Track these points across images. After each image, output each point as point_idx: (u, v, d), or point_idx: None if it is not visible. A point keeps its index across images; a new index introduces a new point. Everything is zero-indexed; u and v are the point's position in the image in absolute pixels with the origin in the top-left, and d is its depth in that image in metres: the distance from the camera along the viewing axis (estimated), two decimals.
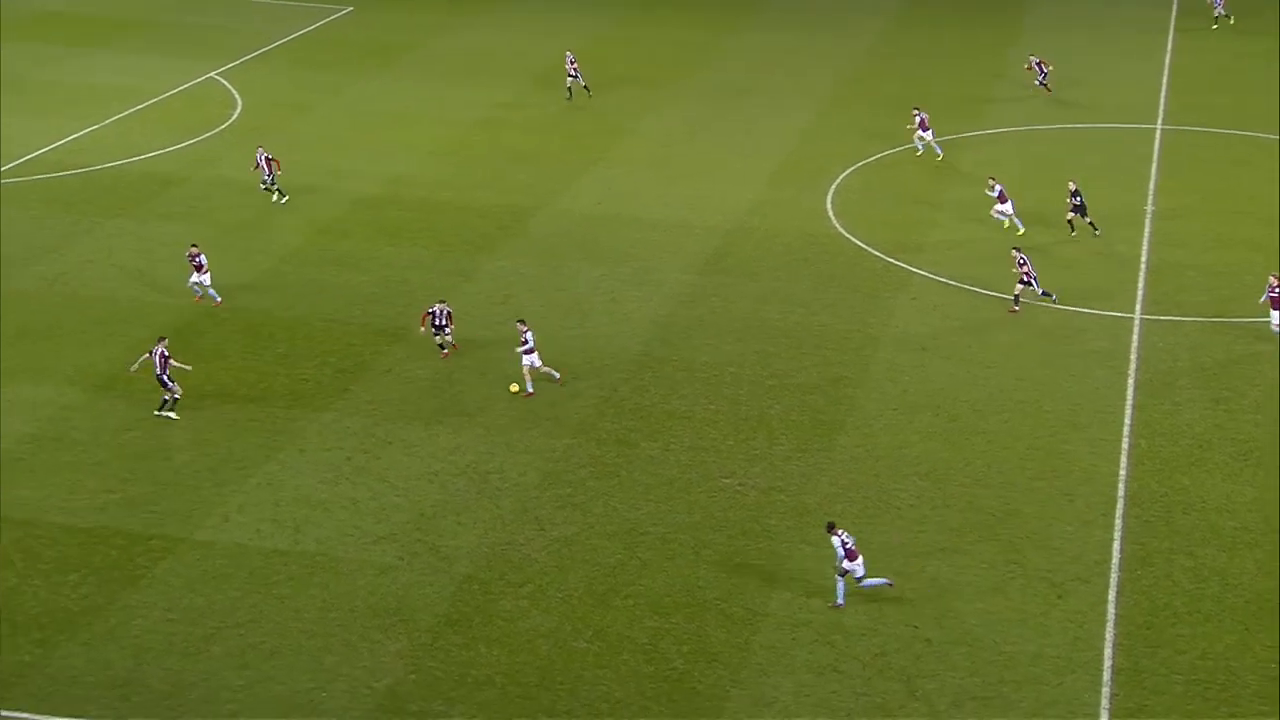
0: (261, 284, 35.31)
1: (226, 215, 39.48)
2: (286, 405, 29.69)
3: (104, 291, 34.41)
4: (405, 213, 40.23)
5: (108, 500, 26.11)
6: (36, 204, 39.17)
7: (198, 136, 44.99)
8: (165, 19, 58.25)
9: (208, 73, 51.38)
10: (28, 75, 49.90)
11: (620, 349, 32.73)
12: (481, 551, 25.29)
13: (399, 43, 56.57)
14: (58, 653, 22.18)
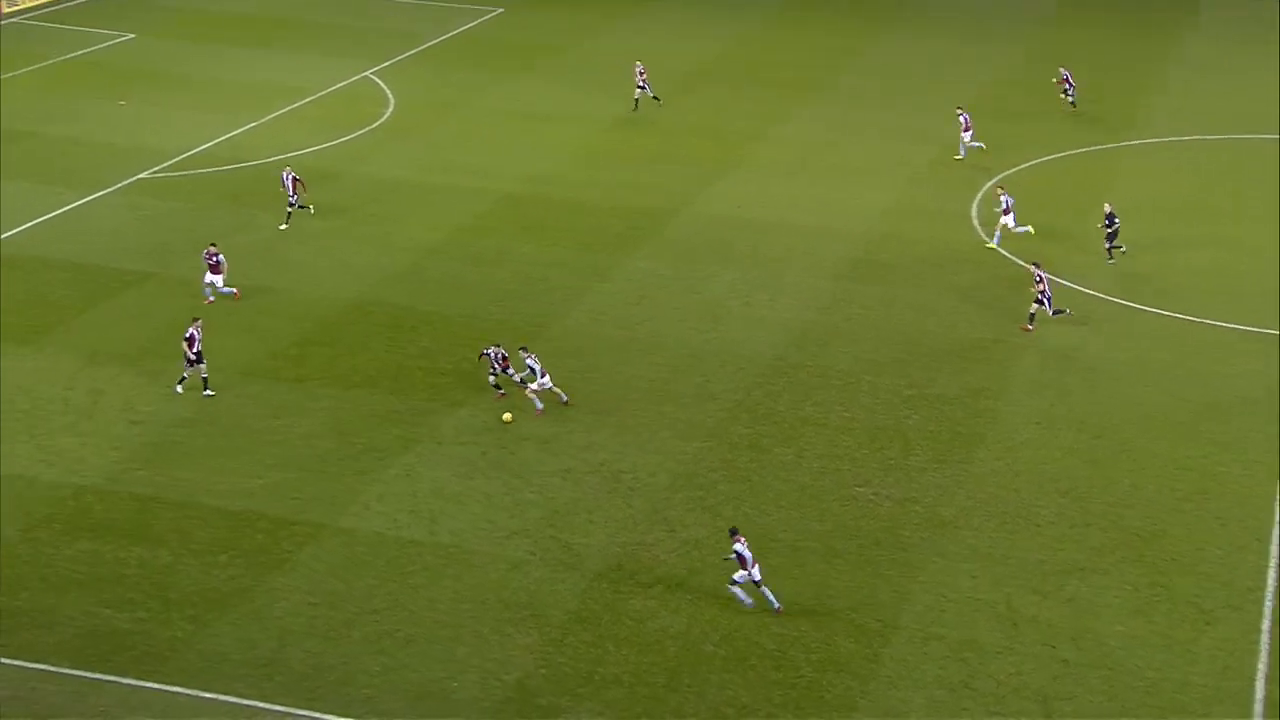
0: (405, 279, 36.00)
1: (374, 209, 40.37)
2: (425, 398, 30.21)
3: (257, 283, 35.43)
4: (545, 212, 40.63)
5: (255, 485, 26.89)
6: (201, 196, 40.57)
7: (351, 134, 46.11)
8: (328, 20, 59.86)
9: (363, 72, 52.63)
10: (199, 73, 51.68)
11: (754, 353, 32.52)
12: (612, 550, 25.36)
13: (546, 44, 57.20)
14: (207, 630, 22.91)
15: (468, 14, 61.48)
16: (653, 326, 33.82)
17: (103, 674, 21.77)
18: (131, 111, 47.25)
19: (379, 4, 62.60)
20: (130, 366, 30.86)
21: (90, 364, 30.82)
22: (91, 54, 53.52)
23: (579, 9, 62.76)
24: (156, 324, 32.96)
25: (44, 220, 38.12)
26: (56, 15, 58.81)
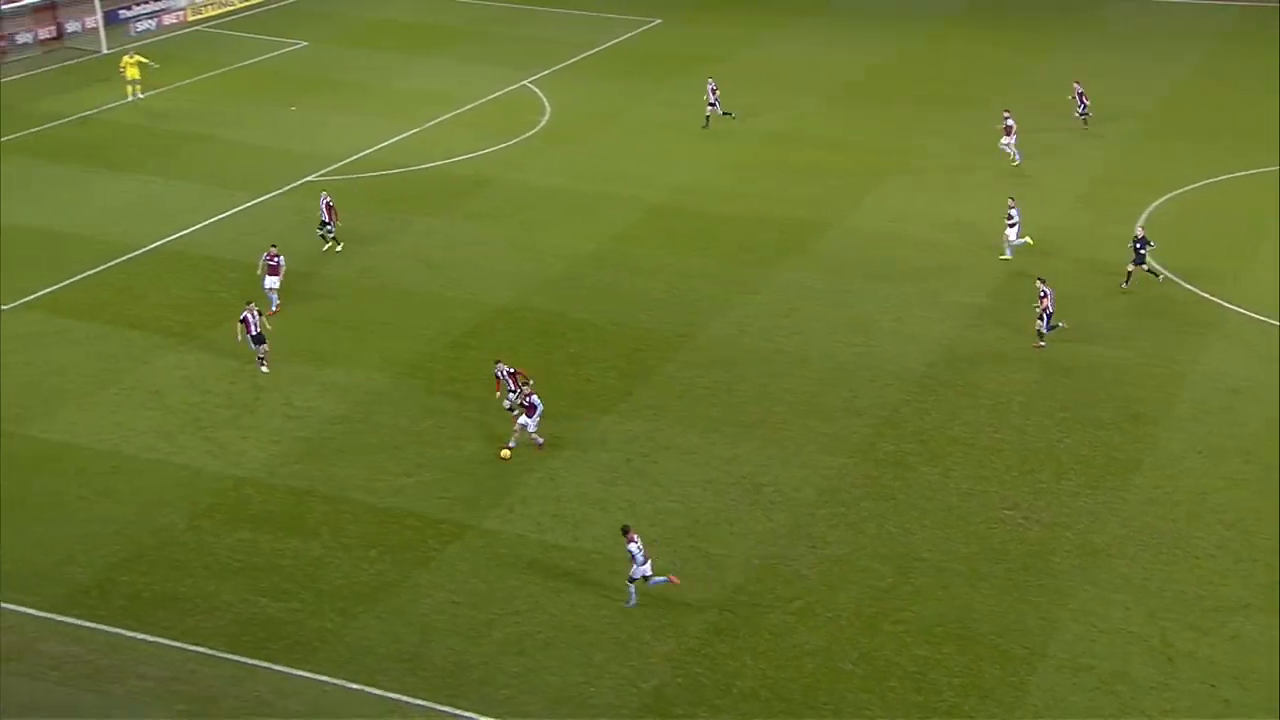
0: (555, 285, 36.44)
1: (527, 216, 40.98)
2: (571, 405, 30.50)
3: (412, 285, 36.30)
4: (696, 222, 40.68)
5: (404, 483, 27.51)
6: (359, 200, 41.76)
7: (507, 141, 46.91)
8: (491, 30, 61.03)
9: (522, 80, 53.51)
10: (365, 80, 53.20)
11: (903, 370, 31.99)
12: (752, 563, 25.21)
13: (703, 54, 57.32)
14: (355, 623, 23.52)
15: (626, 24, 62.01)
16: (800, 340, 33.55)
17: (257, 660, 22.52)
18: (301, 117, 48.89)
19: (540, 14, 63.59)
20: (289, 363, 31.90)
21: (253, 360, 31.94)
22: (266, 61, 55.57)
23: (736, 21, 62.75)
24: (315, 323, 34.00)
25: (215, 221, 39.70)
26: (236, 24, 61.25)
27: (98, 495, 26.72)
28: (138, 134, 46.61)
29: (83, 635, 22.92)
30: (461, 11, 64.09)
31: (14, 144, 45.24)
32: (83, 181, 42.38)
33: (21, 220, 39.36)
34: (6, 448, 28.04)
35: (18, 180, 42.22)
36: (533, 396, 27.99)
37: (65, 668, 22.17)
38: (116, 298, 34.81)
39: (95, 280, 35.73)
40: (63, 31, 56.97)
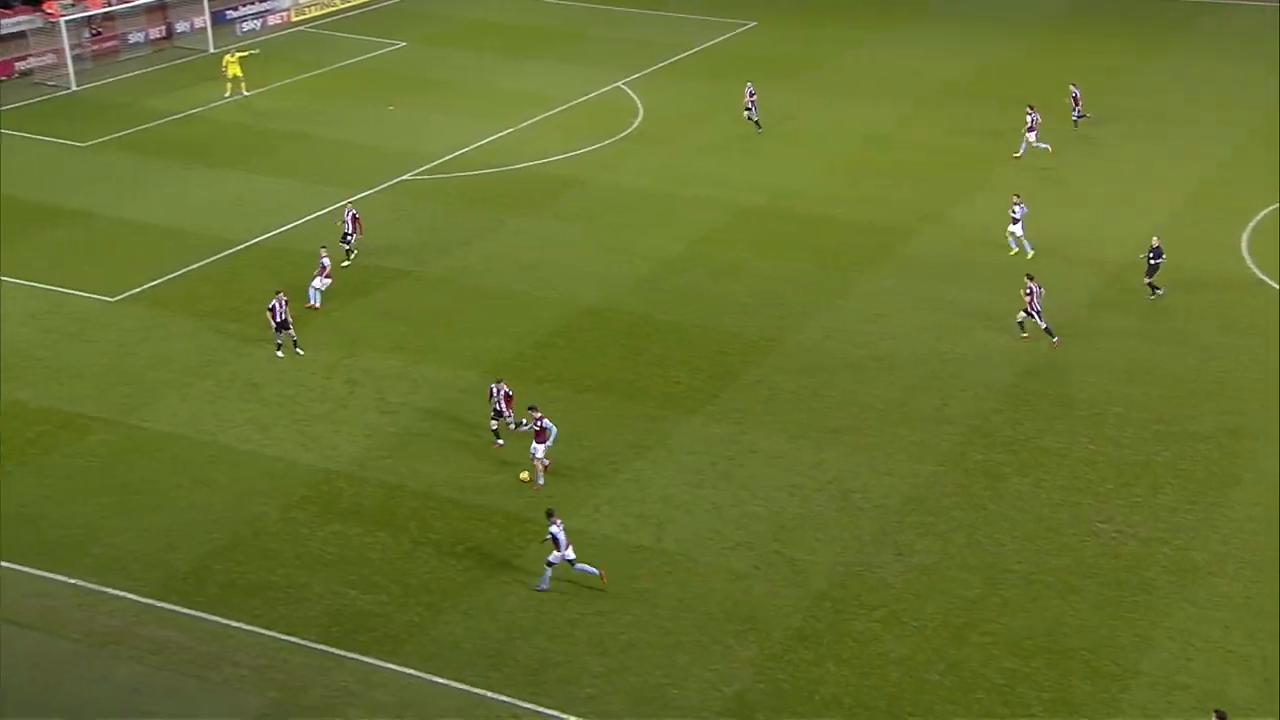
0: (644, 287, 36.51)
1: (617, 218, 41.11)
2: (658, 406, 30.53)
3: (502, 284, 36.63)
4: (787, 226, 40.48)
5: (491, 481, 27.75)
6: (454, 199, 42.24)
7: (600, 142, 47.10)
8: (586, 31, 61.33)
9: (616, 82, 53.69)
10: (462, 80, 53.73)
11: (995, 378, 31.52)
12: (837, 570, 25.02)
13: (799, 57, 57.05)
14: (441, 618, 23.78)
15: (722, 27, 61.92)
16: (890, 345, 33.22)
17: (345, 651, 22.89)
18: (398, 116, 49.56)
19: (635, 16, 63.74)
20: (384, 359, 32.37)
21: (348, 355, 32.48)
22: (366, 61, 56.42)
23: (833, 24, 62.33)
24: (408, 320, 34.46)
25: (313, 218, 40.42)
26: (337, 24, 62.29)
27: (195, 484, 27.36)
28: (240, 132, 47.62)
29: (181, 621, 23.49)
30: (558, 13, 64.50)
31: (123, 140, 46.50)
32: (186, 178, 43.42)
33: (128, 215, 40.43)
34: (111, 437, 28.83)
35: (125, 176, 43.39)
36: (543, 421, 27.01)
37: (165, 652, 22.73)
38: (216, 292, 35.60)
39: (196, 274, 36.59)
40: (172, 31, 58.43)
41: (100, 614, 23.59)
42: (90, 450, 28.29)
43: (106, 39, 56.33)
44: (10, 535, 25.46)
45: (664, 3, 65.37)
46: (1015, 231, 37.40)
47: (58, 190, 41.82)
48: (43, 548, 25.14)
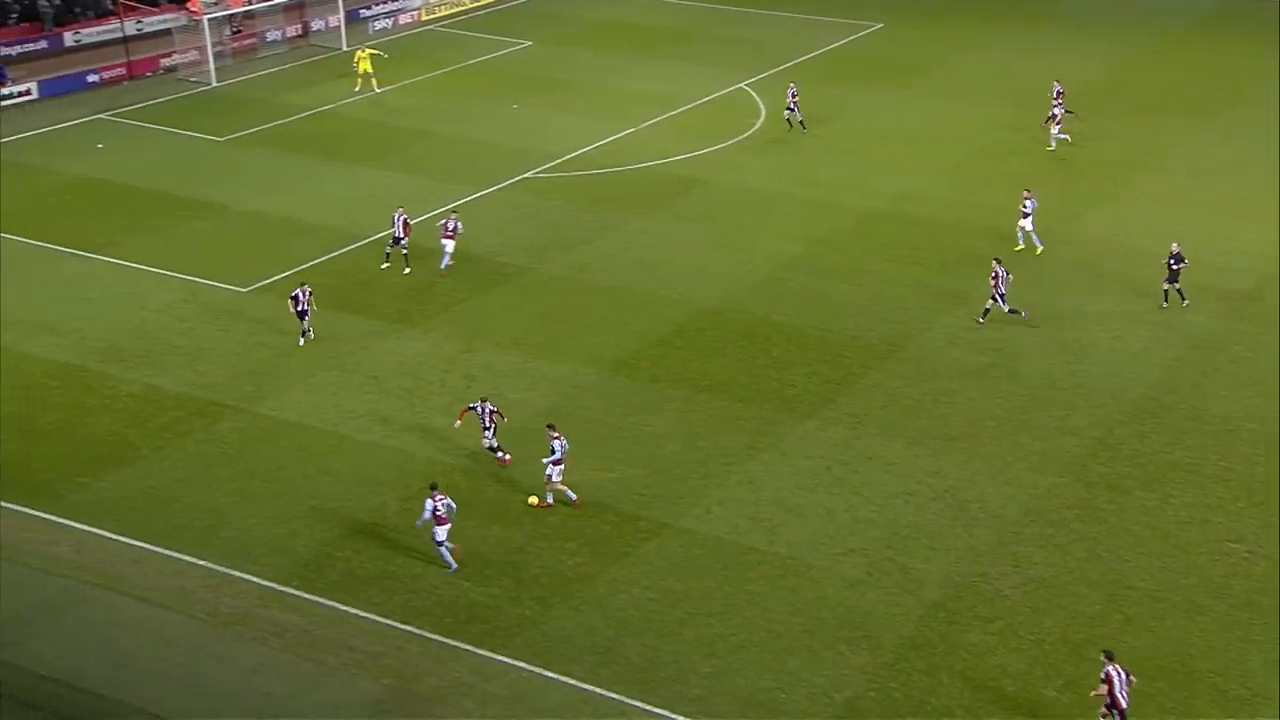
0: (763, 288, 36.33)
1: (737, 218, 40.98)
2: (774, 409, 30.36)
3: (621, 282, 36.78)
4: (907, 230, 39.92)
5: (605, 478, 27.90)
6: (576, 197, 42.56)
7: (722, 143, 46.99)
8: (710, 32, 61.26)
9: (739, 83, 53.53)
10: (586, 80, 54.11)
11: (1121, 389, 30.67)
12: (952, 580, 24.60)
13: (924, 59, 56.24)
14: (553, 613, 23.99)
15: (847, 29, 61.32)
16: (1012, 353, 32.55)
17: (459, 642, 23.23)
18: (523, 114, 50.10)
19: (759, 17, 63.49)
20: (502, 355, 32.76)
21: (467, 350, 32.94)
22: (493, 60, 57.16)
23: (960, 26, 61.31)
24: (528, 316, 34.82)
25: (438, 213, 41.07)
26: (466, 24, 63.24)
27: (318, 473, 28.02)
28: (370, 129, 48.61)
29: (301, 606, 24.09)
30: (683, 13, 64.55)
31: (259, 135, 47.83)
32: (317, 173, 44.48)
33: (261, 208, 41.57)
34: (241, 424, 29.69)
35: (260, 170, 44.62)
36: (555, 441, 26.29)
37: (285, 635, 23.33)
38: (342, 284, 36.41)
39: (324, 267, 37.46)
40: (308, 29, 59.94)
41: (226, 595, 24.32)
42: (221, 437, 29.17)
43: (246, 37, 58.00)
44: (144, 516, 26.38)
45: (791, 4, 64.95)
46: (1025, 226, 37.27)
47: (196, 183, 43.19)
48: (174, 530, 25.99)
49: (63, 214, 40.65)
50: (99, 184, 43.05)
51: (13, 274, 36.56)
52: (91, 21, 57.01)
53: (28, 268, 37.02)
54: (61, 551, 25.29)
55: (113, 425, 29.44)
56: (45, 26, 55.83)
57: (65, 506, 26.56)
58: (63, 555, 25.19)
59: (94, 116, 49.40)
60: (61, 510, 26.43)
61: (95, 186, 42.86)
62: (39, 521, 26.09)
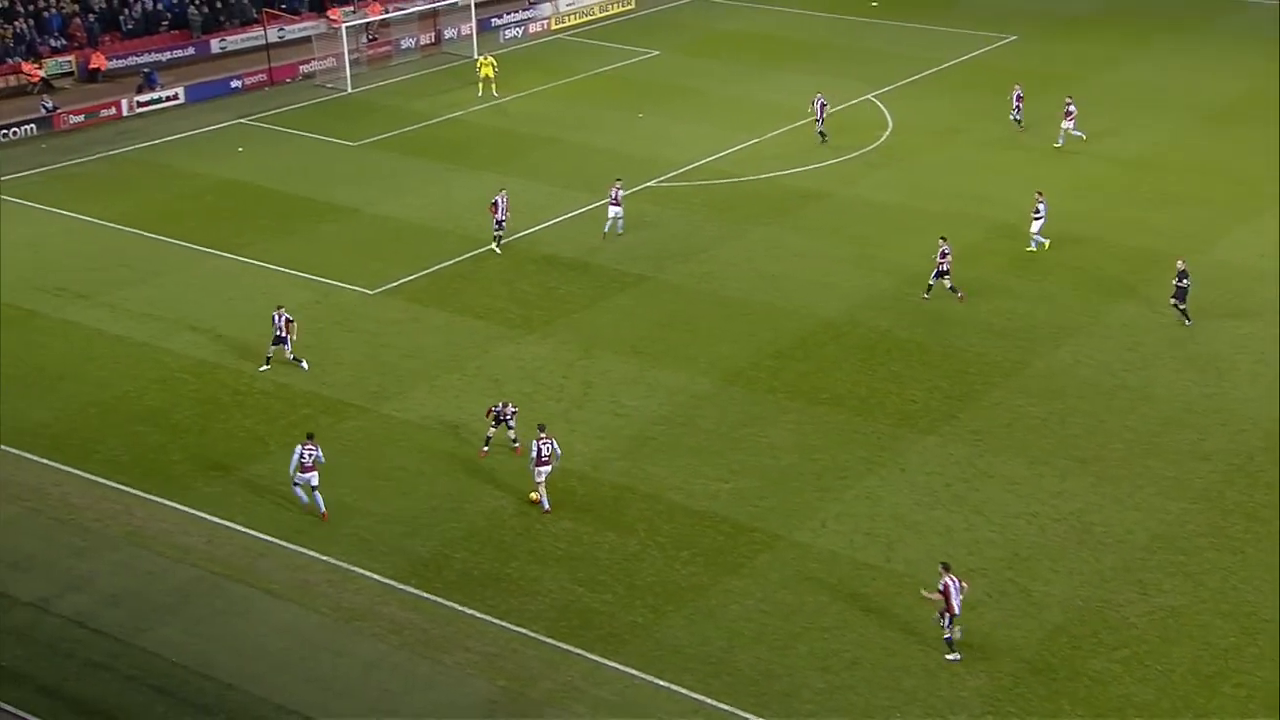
0: (884, 302, 35.86)
1: (860, 231, 40.55)
2: (893, 424, 29.93)
3: (741, 293, 36.64)
4: None
5: (720, 489, 27.79)
6: (697, 207, 42.55)
7: (847, 155, 46.55)
8: (837, 43, 60.79)
9: (866, 95, 52.98)
10: (712, 90, 54.01)
11: (1261, 414, 29.54)
12: (1075, 604, 23.94)
13: (1059, 73, 54.97)
14: (665, 621, 23.96)
15: (979, 40, 60.30)
16: (1144, 375, 31.59)
17: (572, 646, 23.33)
18: (647, 123, 50.29)
19: (888, 28, 62.82)
20: (620, 362, 32.88)
21: (585, 356, 33.14)
22: (620, 69, 57.48)
23: (1098, 39, 59.83)
24: (647, 324, 34.90)
25: (560, 220, 41.46)
26: (594, 33, 63.74)
27: (438, 474, 28.45)
28: (496, 135, 49.29)
29: (419, 604, 24.45)
30: (811, 25, 64.17)
31: (390, 141, 48.84)
32: (444, 177, 45.24)
33: (390, 212, 42.42)
34: (365, 424, 30.30)
35: (390, 175, 45.56)
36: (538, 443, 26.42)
37: (403, 633, 23.72)
38: (466, 288, 36.95)
39: (449, 271, 38.06)
40: (440, 38, 61.07)
41: (347, 591, 24.81)
42: (346, 435, 29.80)
43: (381, 44, 59.37)
44: (271, 511, 27.08)
45: (922, 15, 64.14)
46: (1034, 230, 37.74)
47: (329, 187, 44.28)
48: (300, 524, 26.63)
49: (204, 215, 42.03)
50: (238, 186, 44.42)
51: (156, 272, 37.90)
52: (237, 29, 58.98)
53: (170, 266, 38.34)
54: (193, 542, 26.10)
55: (244, 421, 30.29)
56: (194, 34, 57.91)
57: (198, 498, 27.40)
58: (194, 545, 25.99)
59: (236, 121, 50.99)
60: (195, 502, 27.28)
61: (235, 188, 44.23)
62: (174, 512, 26.97)
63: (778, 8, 67.09)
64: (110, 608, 24.22)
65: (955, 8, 65.54)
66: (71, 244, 39.65)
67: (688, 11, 66.91)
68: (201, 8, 58.42)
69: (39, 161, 46.15)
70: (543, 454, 26.54)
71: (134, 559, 25.53)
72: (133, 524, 26.56)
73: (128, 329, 34.05)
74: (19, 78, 52.60)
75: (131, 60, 55.34)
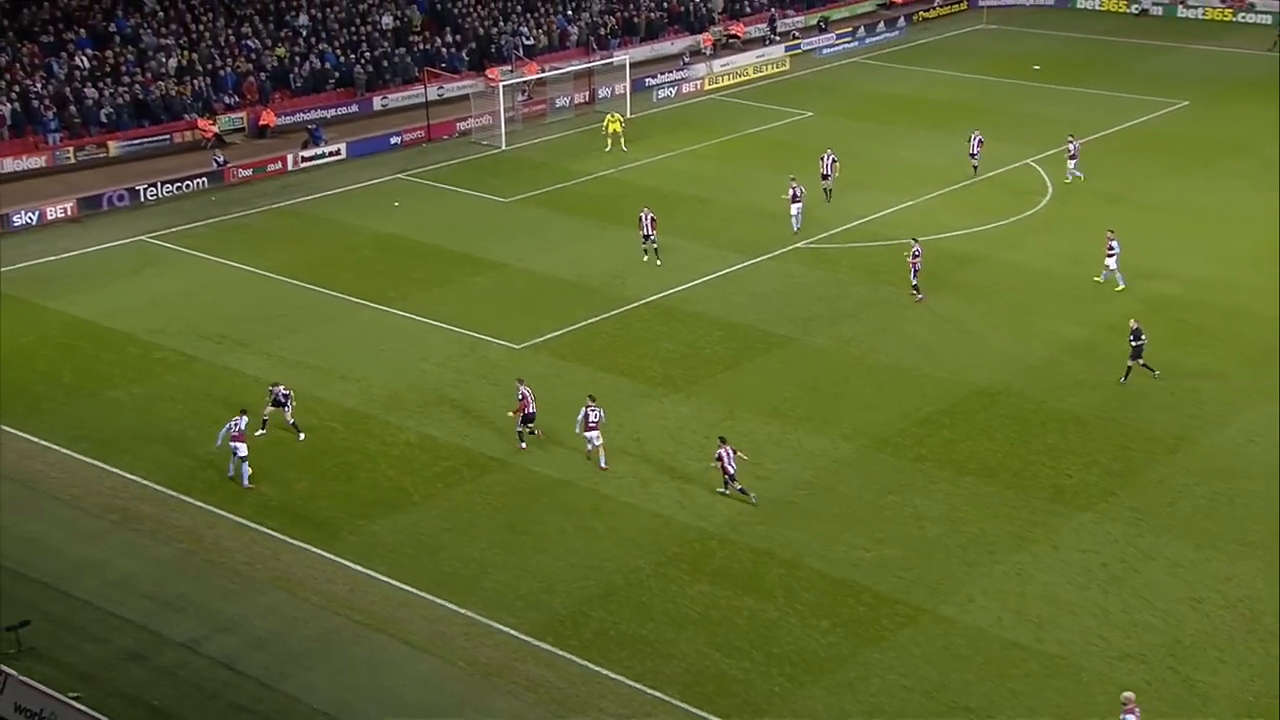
0: (1039, 371, 35.00)
1: (1016, 297, 39.73)
2: (1046, 498, 29.09)
3: (889, 358, 36.18)
4: (1203, 317, 37.71)
5: (862, 557, 27.33)
6: (847, 269, 42.27)
7: (1004, 220, 45.75)
8: (996, 106, 59.95)
9: (1026, 159, 52.12)
10: (864, 151, 53.53)
11: None
12: (1244, 699, 22.81)
13: (1230, 140, 53.28)
14: (803, 692, 23.57)
15: (1149, 106, 58.88)
16: None
17: (707, 713, 23.09)
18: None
19: (1053, 92, 61.78)
20: (763, 424, 32.71)
21: (728, 417, 33.06)
22: (771, 130, 57.69)
23: (1272, 106, 57.74)
24: (791, 387, 34.69)
25: (706, 280, 41.61)
26: (747, 94, 64.16)
27: (578, 531, 28.62)
28: (645, 194, 49.77)
29: (555, 662, 24.54)
30: (970, 87, 63.57)
31: (541, 197, 49.82)
32: (594, 235, 45.89)
33: (538, 267, 43.17)
34: (507, 477, 30.71)
35: (539, 231, 46.43)
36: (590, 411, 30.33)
37: (539, 690, 23.81)
38: (610, 346, 37.30)
39: (594, 328, 38.51)
40: (594, 96, 62.29)
41: (485, 646, 25.05)
42: (488, 488, 30.24)
43: (536, 103, 60.82)
44: (413, 561, 27.58)
45: (1088, 80, 62.93)
46: (1110, 265, 39.12)
47: (481, 241, 45.35)
48: (440, 577, 27.05)
49: (360, 267, 43.44)
50: (394, 239, 45.83)
51: (312, 322, 39.25)
52: (399, 87, 61.16)
53: (326, 317, 39.67)
54: (337, 590, 26.72)
55: (389, 471, 31.01)
56: (358, 92, 60.29)
57: (343, 546, 28.09)
58: (338, 593, 26.61)
59: (393, 176, 52.74)
60: (340, 550, 27.97)
61: (390, 242, 45.65)
62: (319, 558, 27.68)
63: (934, 70, 66.69)
64: (256, 651, 24.91)
65: (1122, 72, 64.21)
66: (234, 293, 41.38)
67: (842, 73, 66.97)
68: (366, 67, 60.79)
69: (208, 213, 48.40)
70: (590, 419, 30.35)
71: (280, 603, 26.25)
72: (280, 568, 27.34)
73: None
74: (194, 133, 55.46)
75: (299, 117, 57.79)
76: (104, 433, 32.52)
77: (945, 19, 77.76)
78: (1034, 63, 66.47)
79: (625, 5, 70.98)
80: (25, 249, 44.64)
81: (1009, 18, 77.84)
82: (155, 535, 28.42)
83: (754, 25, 73.09)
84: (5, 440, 32.20)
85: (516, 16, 67.18)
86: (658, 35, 70.42)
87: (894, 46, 72.43)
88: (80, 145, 52.90)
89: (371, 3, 64.61)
